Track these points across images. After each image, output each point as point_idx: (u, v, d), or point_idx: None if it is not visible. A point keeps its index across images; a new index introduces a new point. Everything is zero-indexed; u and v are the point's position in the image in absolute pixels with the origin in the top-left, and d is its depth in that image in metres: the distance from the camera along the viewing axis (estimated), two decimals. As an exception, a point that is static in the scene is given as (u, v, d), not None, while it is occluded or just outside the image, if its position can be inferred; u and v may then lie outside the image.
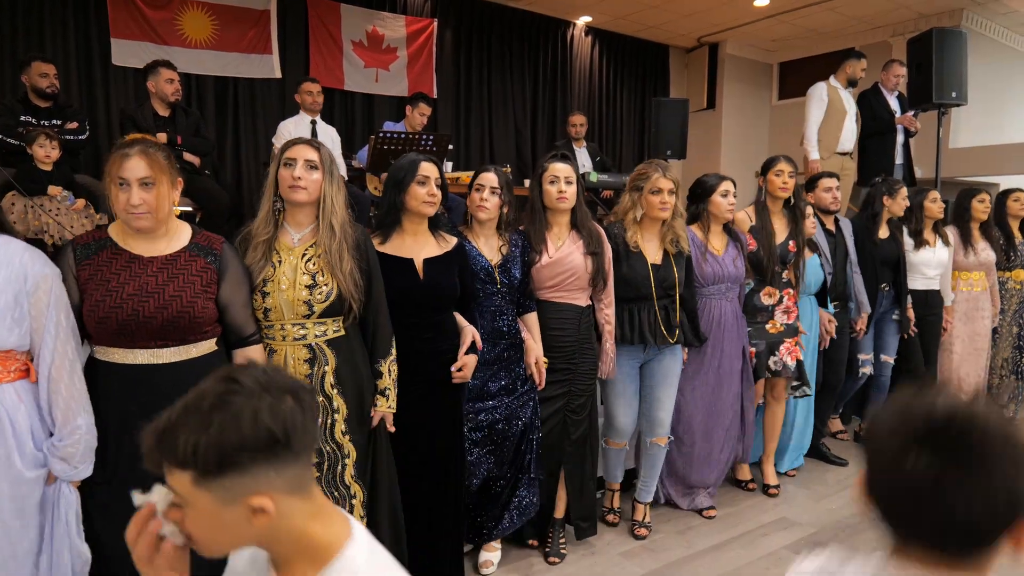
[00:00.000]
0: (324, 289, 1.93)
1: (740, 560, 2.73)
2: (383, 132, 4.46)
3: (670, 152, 6.47)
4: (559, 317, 2.62)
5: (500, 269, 2.50)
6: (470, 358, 2.32)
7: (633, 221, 2.78)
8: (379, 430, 2.12)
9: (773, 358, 3.23)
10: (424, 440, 2.28)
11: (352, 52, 6.86)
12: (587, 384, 2.70)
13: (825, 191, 3.64)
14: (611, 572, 2.64)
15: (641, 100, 9.10)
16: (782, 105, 9.31)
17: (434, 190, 2.22)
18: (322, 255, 1.94)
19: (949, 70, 4.99)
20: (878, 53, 7.81)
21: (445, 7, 7.43)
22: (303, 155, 1.93)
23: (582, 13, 8.13)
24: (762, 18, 7.94)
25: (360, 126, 6.96)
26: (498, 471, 2.54)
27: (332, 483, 2.00)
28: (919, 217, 3.92)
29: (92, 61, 5.65)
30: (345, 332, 2.01)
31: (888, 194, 3.80)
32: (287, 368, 1.93)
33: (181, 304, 1.71)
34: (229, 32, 6.17)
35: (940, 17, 7.43)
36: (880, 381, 3.95)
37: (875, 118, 5.28)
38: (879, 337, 3.92)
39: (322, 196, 1.94)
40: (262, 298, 1.92)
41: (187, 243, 1.79)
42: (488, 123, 7.86)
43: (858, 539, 2.90)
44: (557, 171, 2.59)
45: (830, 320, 3.52)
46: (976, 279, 4.18)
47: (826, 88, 5.28)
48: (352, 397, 2.00)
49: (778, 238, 3.19)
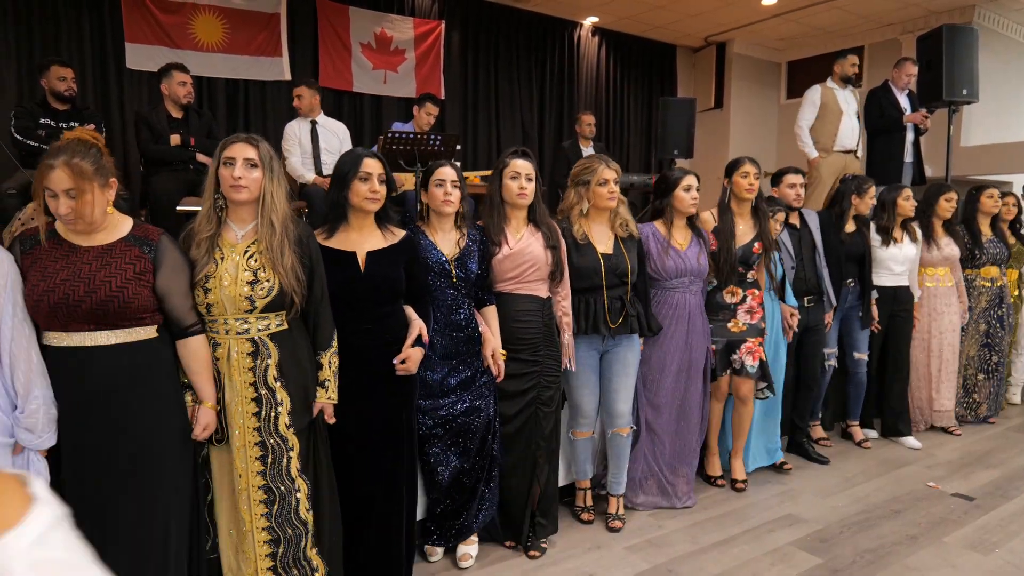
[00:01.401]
0: (266, 285, 1.95)
1: (746, 555, 2.74)
2: (391, 132, 4.50)
3: (677, 151, 6.48)
4: (522, 309, 2.64)
5: (456, 263, 2.50)
6: (415, 351, 2.31)
7: (580, 214, 2.81)
8: (318, 422, 2.13)
9: (733, 356, 3.22)
10: (368, 435, 2.28)
11: (360, 54, 6.92)
12: (555, 375, 2.72)
13: (789, 187, 3.60)
14: (617, 566, 2.66)
15: (648, 100, 9.12)
16: (790, 104, 9.27)
17: (376, 186, 2.23)
18: (264, 251, 1.96)
19: (960, 67, 4.97)
20: (887, 51, 7.79)
21: (453, 9, 7.48)
22: (242, 154, 1.95)
23: (589, 14, 8.15)
24: (770, 17, 7.93)
25: (368, 127, 7.03)
26: (466, 464, 2.56)
27: (278, 477, 2.01)
28: (890, 214, 3.91)
29: (107, 65, 5.77)
30: (288, 326, 2.03)
31: (856, 193, 3.82)
32: (231, 361, 1.97)
33: (110, 289, 1.77)
34: (240, 35, 6.26)
35: (951, 14, 7.39)
36: (857, 378, 3.96)
37: (883, 116, 5.28)
38: (848, 334, 3.92)
39: (263, 193, 1.96)
40: (204, 294, 1.94)
41: (126, 235, 1.85)
42: (496, 124, 7.90)
43: (863, 536, 2.90)
44: (518, 167, 2.62)
45: (792, 314, 3.49)
46: (942, 274, 4.18)
47: (820, 90, 5.38)
48: (296, 390, 2.03)
49: (743, 239, 3.17)
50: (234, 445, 2.01)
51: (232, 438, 2.01)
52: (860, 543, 2.84)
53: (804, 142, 5.39)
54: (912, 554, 2.75)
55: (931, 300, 4.16)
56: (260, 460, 2.00)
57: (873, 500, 3.27)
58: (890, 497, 3.31)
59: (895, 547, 2.81)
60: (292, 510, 2.03)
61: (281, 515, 2.02)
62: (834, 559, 2.71)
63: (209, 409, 1.96)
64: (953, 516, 3.10)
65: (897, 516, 3.10)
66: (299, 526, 2.05)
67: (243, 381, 1.98)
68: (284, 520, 2.03)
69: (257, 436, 1.99)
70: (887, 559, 2.71)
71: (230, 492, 2.07)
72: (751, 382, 3.26)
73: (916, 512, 3.14)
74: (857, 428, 4.09)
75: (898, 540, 2.87)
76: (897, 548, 2.80)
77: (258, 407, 1.99)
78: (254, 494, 2.00)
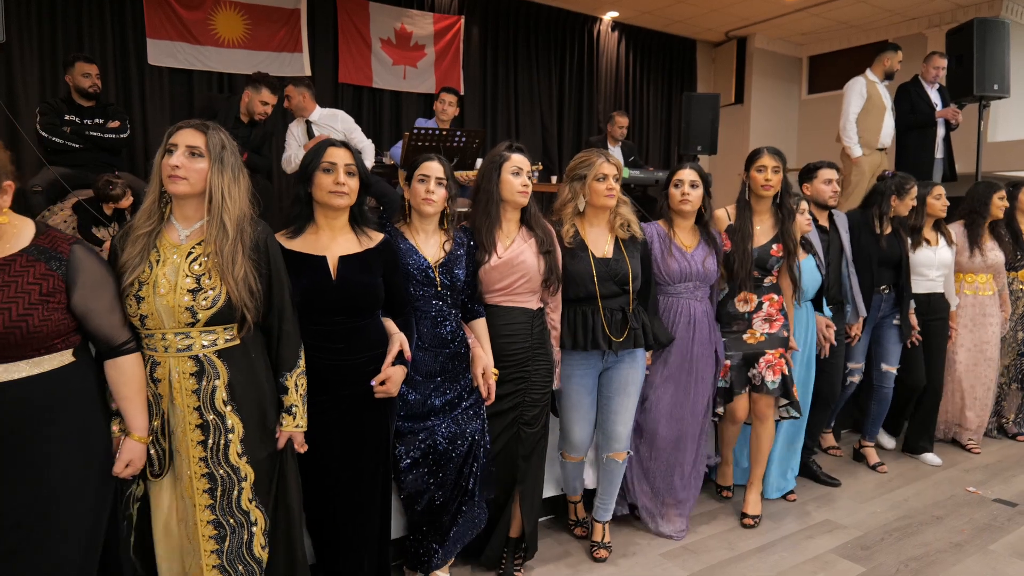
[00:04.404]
0: (210, 294, 1.68)
1: (785, 563, 2.68)
2: (416, 129, 4.47)
3: (700, 147, 6.41)
4: (509, 323, 2.38)
5: (441, 269, 2.23)
6: (396, 370, 2.05)
7: (575, 213, 2.54)
8: (287, 452, 1.88)
9: (752, 371, 2.90)
10: (341, 465, 2.03)
11: (380, 50, 6.88)
12: (542, 393, 2.45)
13: (825, 183, 3.31)
14: (653, 572, 2.61)
15: (668, 95, 9.04)
16: (812, 99, 9.18)
17: (341, 178, 1.95)
18: (211, 255, 1.68)
19: (991, 61, 4.88)
20: (913, 45, 7.65)
21: (472, 4, 7.43)
22: (185, 140, 1.68)
23: (609, 8, 8.07)
24: (792, 11, 7.82)
25: (388, 123, 7.01)
26: (441, 493, 2.28)
27: (227, 510, 1.76)
28: (920, 213, 3.58)
29: (129, 61, 5.78)
30: (241, 341, 1.76)
31: (897, 193, 3.46)
32: (172, 383, 1.70)
33: (10, 318, 1.47)
34: (260, 31, 6.25)
35: (979, 7, 7.26)
36: (882, 393, 3.61)
37: (915, 111, 5.17)
38: (879, 344, 3.58)
39: (208, 188, 1.69)
40: (136, 303, 1.65)
41: (27, 245, 1.54)
42: (515, 119, 7.85)
43: (906, 543, 2.84)
44: (520, 162, 2.36)
45: (828, 325, 3.19)
46: (983, 282, 3.86)
47: (865, 83, 5.15)
48: (250, 414, 1.77)
49: (761, 239, 2.85)
50: (181, 475, 1.75)
51: (179, 467, 1.75)
52: (903, 551, 2.78)
53: (851, 138, 5.10)
54: (958, 562, 2.69)
55: (969, 310, 3.85)
56: (208, 493, 1.75)
57: (912, 505, 3.20)
58: (930, 503, 3.24)
59: (940, 555, 2.75)
60: (244, 545, 1.79)
61: (231, 552, 1.78)
62: (878, 567, 2.65)
63: (136, 442, 1.69)
64: (997, 523, 3.03)
65: (939, 522, 3.03)
66: (252, 564, 1.81)
67: (186, 405, 1.71)
68: (235, 557, 1.79)
69: (204, 467, 1.73)
70: (933, 568, 2.65)
71: (173, 529, 1.81)
72: (771, 398, 2.91)
73: (958, 518, 3.07)
74: (872, 450, 3.70)
75: (943, 548, 2.80)
76: (942, 556, 2.74)
77: (204, 435, 1.72)
78: (203, 529, 1.76)
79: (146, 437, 1.71)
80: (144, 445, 1.71)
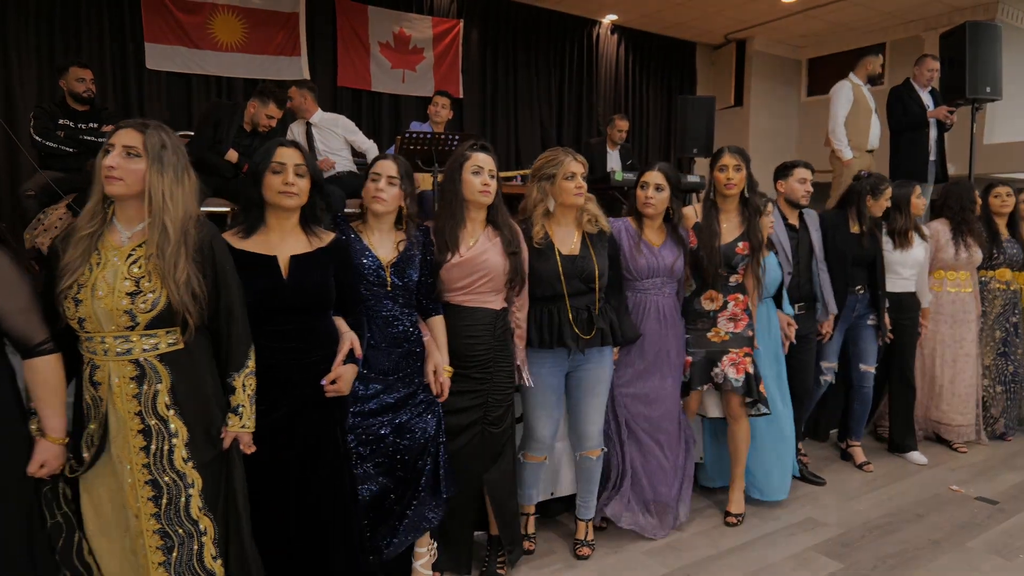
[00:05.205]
0: (150, 297, 1.64)
1: (766, 560, 2.71)
2: (409, 132, 4.51)
3: (696, 150, 6.45)
4: (472, 323, 2.37)
5: (393, 269, 2.22)
6: (347, 369, 2.04)
7: (545, 213, 2.53)
8: (232, 453, 1.83)
9: (714, 370, 2.90)
10: (295, 468, 1.99)
11: (379, 53, 6.94)
12: (505, 393, 2.45)
13: (799, 182, 3.31)
14: (635, 570, 2.64)
15: (667, 98, 9.07)
16: (811, 102, 9.19)
17: (290, 178, 1.94)
18: (152, 258, 1.65)
19: (983, 64, 4.89)
20: (910, 48, 7.67)
21: (471, 7, 7.48)
22: (122, 140, 1.65)
23: (608, 12, 8.12)
24: (791, 14, 7.85)
25: (387, 127, 7.05)
26: (392, 486, 2.27)
27: (175, 519, 1.71)
28: (906, 215, 3.61)
29: (127, 65, 5.83)
30: (184, 345, 1.73)
31: (872, 193, 3.48)
32: (112, 388, 1.67)
33: None
34: (258, 35, 6.30)
35: (974, 10, 7.28)
36: (862, 392, 3.65)
37: (907, 113, 5.18)
38: (855, 344, 3.61)
39: (148, 189, 1.65)
40: (75, 306, 1.63)
41: None
42: (515, 123, 7.90)
43: (885, 540, 2.86)
44: (481, 161, 2.34)
45: (789, 323, 3.20)
46: (964, 279, 3.92)
47: (850, 86, 5.21)
48: (195, 418, 1.74)
49: (728, 237, 2.86)
50: (123, 483, 1.71)
51: (120, 475, 1.71)
52: (882, 548, 2.79)
53: (841, 141, 5.14)
54: (935, 559, 2.71)
55: (950, 307, 3.91)
56: (152, 501, 1.70)
57: (896, 504, 3.22)
58: (914, 501, 3.25)
59: (918, 552, 2.76)
60: (194, 556, 1.74)
61: (181, 563, 1.73)
62: (855, 564, 2.67)
63: (51, 443, 1.67)
64: (977, 520, 3.05)
65: (920, 520, 3.05)
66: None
67: (127, 411, 1.67)
68: (185, 568, 1.74)
69: (147, 474, 1.69)
70: (909, 564, 2.67)
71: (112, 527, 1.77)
72: (737, 396, 2.92)
73: (939, 516, 3.09)
74: (859, 449, 3.72)
75: (921, 545, 2.82)
76: (920, 553, 2.75)
77: (146, 440, 1.68)
78: (149, 539, 1.71)
79: (62, 438, 1.70)
80: (60, 446, 1.70)
